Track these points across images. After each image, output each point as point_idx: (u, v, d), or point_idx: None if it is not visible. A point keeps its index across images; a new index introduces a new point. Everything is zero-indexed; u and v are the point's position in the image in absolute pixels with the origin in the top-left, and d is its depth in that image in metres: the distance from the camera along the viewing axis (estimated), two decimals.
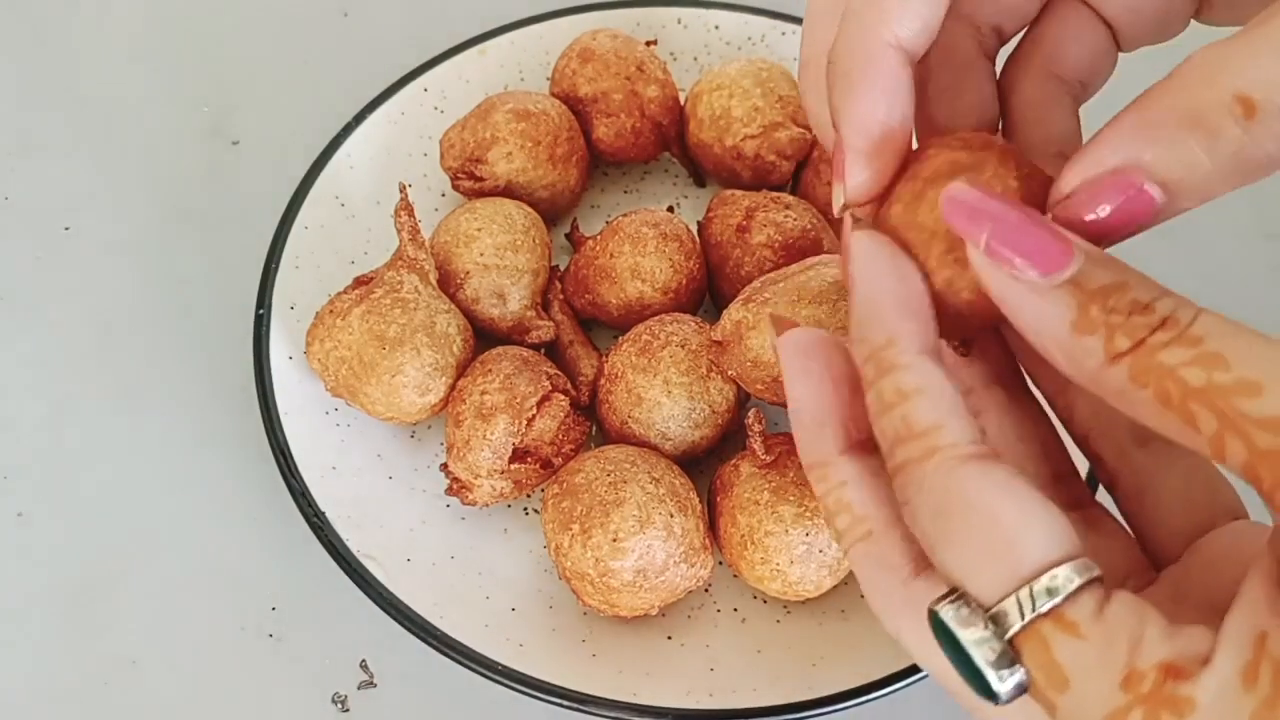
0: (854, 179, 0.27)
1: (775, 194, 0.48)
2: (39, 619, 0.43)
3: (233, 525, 0.45)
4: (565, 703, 0.38)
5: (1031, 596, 0.21)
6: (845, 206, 0.28)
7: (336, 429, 0.45)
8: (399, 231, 0.44)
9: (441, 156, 0.51)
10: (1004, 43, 0.32)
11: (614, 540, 0.38)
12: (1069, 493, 0.29)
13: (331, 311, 0.43)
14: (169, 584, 0.44)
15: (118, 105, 0.58)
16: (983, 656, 0.21)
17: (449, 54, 0.54)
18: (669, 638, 0.41)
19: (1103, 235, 0.24)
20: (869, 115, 0.26)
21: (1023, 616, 0.21)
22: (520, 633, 0.40)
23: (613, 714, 0.37)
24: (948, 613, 0.22)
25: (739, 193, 0.49)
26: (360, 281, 0.44)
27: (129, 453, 0.47)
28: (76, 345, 0.50)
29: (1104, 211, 0.23)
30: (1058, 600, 0.21)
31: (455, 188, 0.51)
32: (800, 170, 0.51)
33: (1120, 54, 0.32)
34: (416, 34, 0.59)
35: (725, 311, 0.42)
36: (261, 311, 0.45)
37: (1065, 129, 0.29)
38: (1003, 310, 0.24)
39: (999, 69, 0.32)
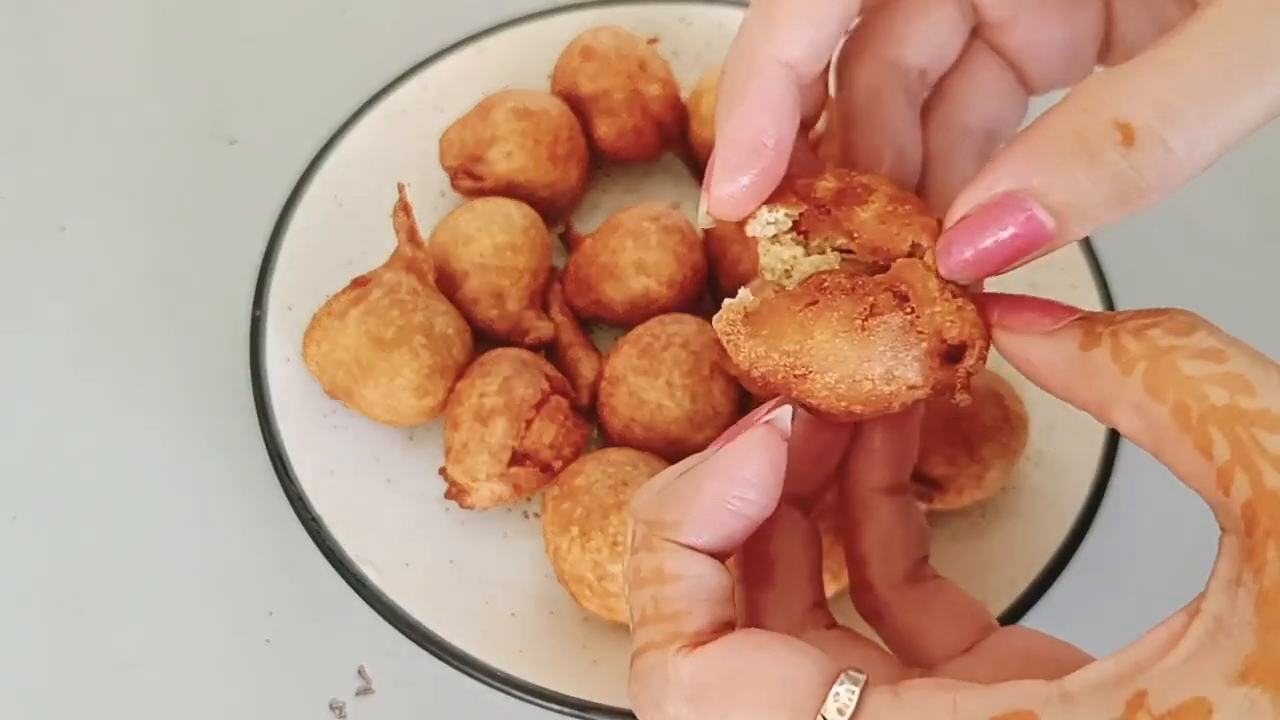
0: (719, 190, 0.27)
1: None
2: (33, 623, 0.42)
3: (228, 529, 0.44)
4: (565, 709, 0.37)
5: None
6: (708, 216, 0.28)
7: (333, 432, 0.44)
8: (397, 231, 0.44)
9: (440, 155, 0.50)
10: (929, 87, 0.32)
11: (613, 544, 0.37)
12: (826, 616, 0.30)
13: (329, 313, 0.43)
14: (164, 588, 0.43)
15: (114, 104, 0.58)
16: None
17: (448, 52, 0.54)
18: None
19: (999, 263, 0.24)
20: (744, 129, 0.26)
21: None
22: (520, 638, 0.40)
23: None
24: None
25: None
26: (358, 282, 0.44)
27: (124, 455, 0.46)
28: (71, 346, 0.49)
29: (1002, 235, 0.23)
30: (850, 711, 0.22)
31: (454, 187, 0.50)
32: None
33: (1031, 98, 0.32)
34: (416, 33, 0.58)
35: None
36: (258, 313, 0.45)
37: (967, 178, 0.30)
38: (1019, 366, 0.25)
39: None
